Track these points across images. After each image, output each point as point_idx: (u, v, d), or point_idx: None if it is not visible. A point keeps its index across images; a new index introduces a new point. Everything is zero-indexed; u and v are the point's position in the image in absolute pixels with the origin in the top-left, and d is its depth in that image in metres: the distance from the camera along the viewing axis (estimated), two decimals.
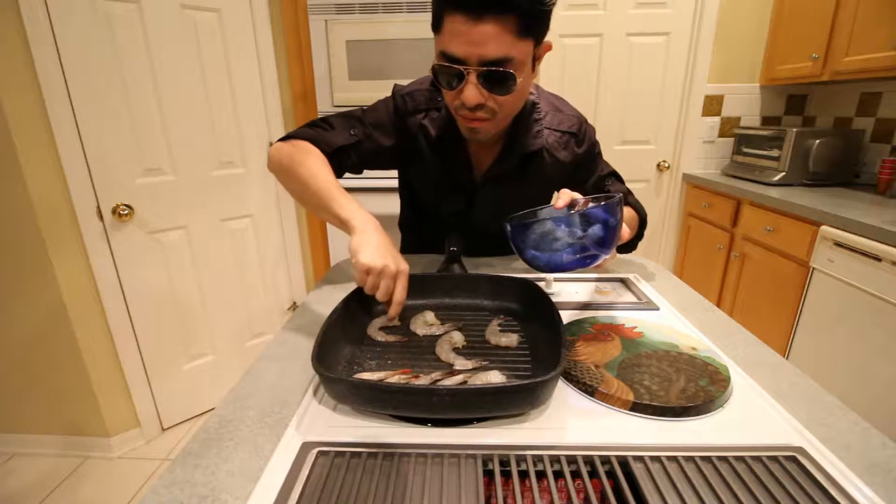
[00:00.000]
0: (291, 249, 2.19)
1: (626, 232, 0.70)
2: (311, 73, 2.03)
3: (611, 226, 0.61)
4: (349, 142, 0.85)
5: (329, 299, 0.81)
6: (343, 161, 0.86)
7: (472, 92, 0.68)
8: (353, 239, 0.64)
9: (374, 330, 0.67)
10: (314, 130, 0.85)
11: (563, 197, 0.69)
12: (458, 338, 0.64)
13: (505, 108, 0.74)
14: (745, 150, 2.22)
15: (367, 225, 0.66)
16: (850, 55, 1.74)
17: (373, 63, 1.98)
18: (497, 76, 0.67)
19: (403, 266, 0.63)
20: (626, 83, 2.31)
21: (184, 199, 1.71)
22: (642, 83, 2.31)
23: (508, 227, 0.67)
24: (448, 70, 0.68)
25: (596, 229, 0.61)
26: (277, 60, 1.95)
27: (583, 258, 0.63)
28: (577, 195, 0.69)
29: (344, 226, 0.68)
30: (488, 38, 0.63)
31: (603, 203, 0.62)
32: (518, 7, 0.62)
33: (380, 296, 0.61)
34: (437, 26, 0.68)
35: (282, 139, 0.85)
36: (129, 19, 1.48)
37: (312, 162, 0.77)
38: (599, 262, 0.65)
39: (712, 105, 2.33)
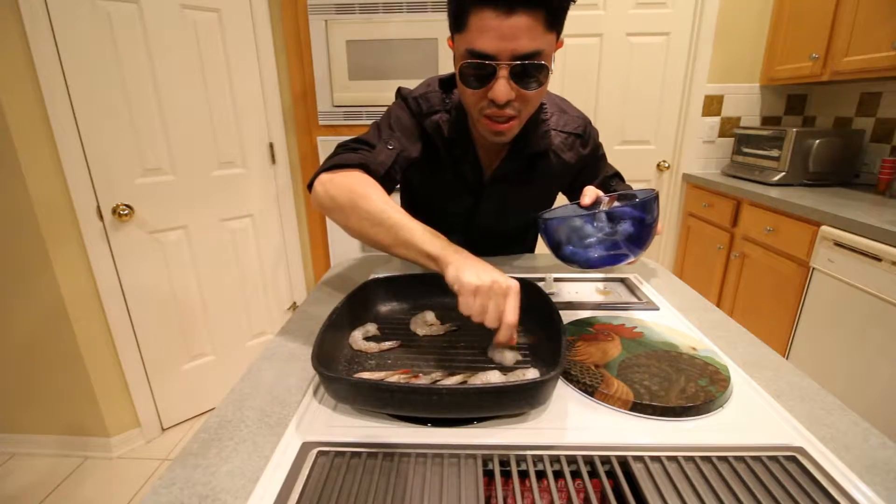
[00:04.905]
0: (291, 249, 2.19)
1: (661, 228, 0.69)
2: (311, 73, 2.03)
3: (647, 223, 0.62)
4: (393, 157, 0.80)
5: (328, 300, 0.81)
6: (394, 178, 0.81)
7: (503, 87, 0.66)
8: (449, 270, 0.58)
9: (360, 342, 0.63)
10: (358, 154, 0.78)
11: (588, 194, 0.69)
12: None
13: (530, 106, 0.72)
14: (745, 150, 2.22)
15: (460, 254, 0.61)
16: (850, 55, 1.74)
17: (373, 63, 1.98)
18: (530, 69, 0.65)
19: (513, 282, 0.55)
20: (626, 83, 2.30)
21: (184, 199, 1.71)
22: (642, 83, 2.30)
23: (542, 224, 0.67)
24: (478, 67, 0.66)
25: (628, 226, 0.61)
26: (277, 60, 1.95)
27: (616, 255, 0.63)
28: (601, 192, 0.70)
29: (432, 262, 0.62)
30: (520, 32, 0.62)
31: (638, 200, 0.63)
32: (547, 0, 0.62)
33: (489, 320, 0.54)
34: (460, 25, 0.66)
35: (325, 169, 0.77)
36: (129, 19, 1.48)
37: (376, 193, 0.70)
38: (633, 259, 0.65)
39: (712, 105, 2.32)
